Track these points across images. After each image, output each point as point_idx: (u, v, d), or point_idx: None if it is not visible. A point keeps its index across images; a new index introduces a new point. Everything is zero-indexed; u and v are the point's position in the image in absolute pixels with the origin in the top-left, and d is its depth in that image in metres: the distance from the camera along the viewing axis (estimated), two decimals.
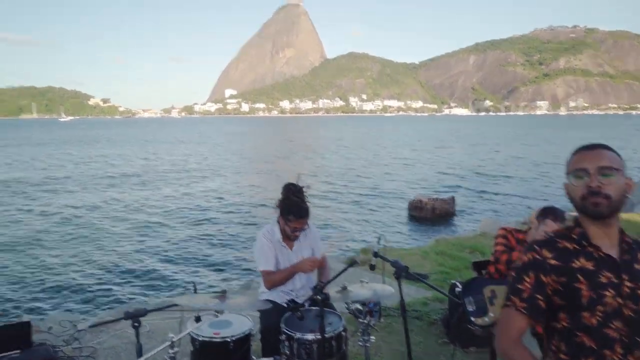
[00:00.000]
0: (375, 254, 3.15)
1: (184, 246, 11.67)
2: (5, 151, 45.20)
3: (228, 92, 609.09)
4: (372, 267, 3.21)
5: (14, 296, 8.48)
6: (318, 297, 2.60)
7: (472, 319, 3.03)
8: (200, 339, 2.70)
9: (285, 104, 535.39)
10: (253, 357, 2.89)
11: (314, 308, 2.97)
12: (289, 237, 3.39)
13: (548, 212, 3.18)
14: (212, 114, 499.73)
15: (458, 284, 3.89)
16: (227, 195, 19.28)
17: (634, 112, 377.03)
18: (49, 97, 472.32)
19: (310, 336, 2.69)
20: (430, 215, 14.42)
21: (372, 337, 2.99)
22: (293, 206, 3.26)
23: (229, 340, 2.70)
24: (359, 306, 3.01)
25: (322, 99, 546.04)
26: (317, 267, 3.43)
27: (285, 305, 3.11)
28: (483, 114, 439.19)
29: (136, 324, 2.54)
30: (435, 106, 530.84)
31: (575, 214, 1.67)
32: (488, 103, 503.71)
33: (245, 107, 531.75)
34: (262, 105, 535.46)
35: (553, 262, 1.57)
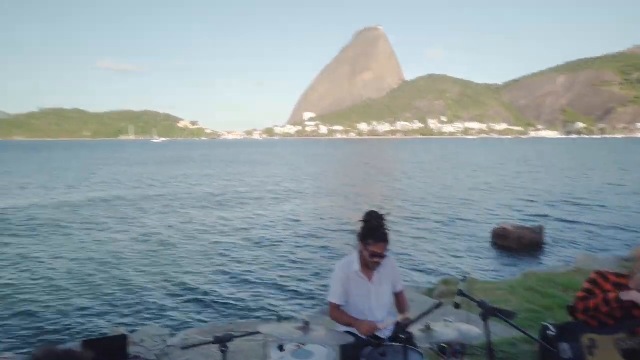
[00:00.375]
0: (461, 293, 3.04)
1: (263, 269, 11.92)
2: (108, 170, 49.72)
3: (307, 115, 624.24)
4: (457, 306, 3.10)
5: (106, 309, 9.17)
6: (402, 336, 2.56)
7: None
8: None
9: (363, 127, 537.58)
10: None
11: (395, 344, 2.91)
12: (369, 266, 3.34)
13: None
14: (291, 136, 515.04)
15: (551, 326, 3.62)
16: (305, 219, 19.49)
17: None
18: (144, 120, 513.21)
19: None
20: (515, 245, 13.62)
21: None
22: (372, 230, 3.24)
23: None
24: (443, 344, 2.92)
25: (400, 121, 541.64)
26: (376, 328, 3.28)
27: (366, 339, 3.08)
28: (574, 136, 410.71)
29: (224, 349, 2.65)
30: (521, 128, 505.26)
31: None
32: (580, 125, 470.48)
33: (323, 129, 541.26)
34: (340, 128, 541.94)
35: None
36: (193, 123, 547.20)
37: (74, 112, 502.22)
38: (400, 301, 3.55)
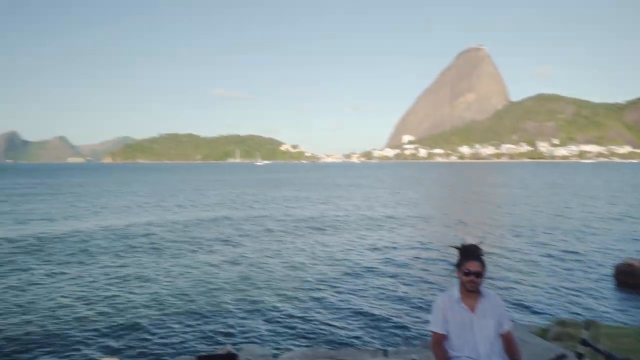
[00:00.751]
0: (584, 342, 2.73)
1: (359, 297, 11.80)
2: (214, 191, 53.39)
3: (406, 137, 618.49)
4: (580, 357, 2.79)
5: (210, 327, 9.67)
6: None
7: None
8: None
9: (465, 149, 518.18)
10: None
11: None
12: (467, 288, 3.27)
13: None
14: (389, 159, 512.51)
15: None
16: (403, 247, 19.04)
17: None
18: (249, 143, 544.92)
19: None
20: None
21: None
22: (466, 250, 3.31)
23: None
24: None
25: (505, 143, 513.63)
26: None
27: None
28: None
29: None
30: None
31: None
32: None
33: (422, 152, 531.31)
34: (440, 151, 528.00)
35: None
36: (294, 147, 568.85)
37: (187, 137, 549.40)
38: (509, 344, 3.32)
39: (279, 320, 10.02)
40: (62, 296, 11.81)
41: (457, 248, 3.38)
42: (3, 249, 18.45)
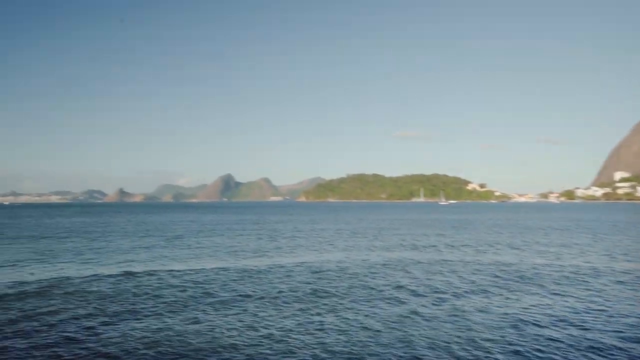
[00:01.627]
0: None
1: None
2: (395, 231, 53.87)
3: (618, 174, 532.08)
4: None
5: None
6: None
7: None
8: None
9: None
10: None
11: None
12: None
13: None
14: (596, 199, 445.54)
15: None
16: (628, 315, 16.21)
17: None
18: (433, 182, 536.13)
19: None
20: None
21: None
22: None
23: None
24: None
25: None
26: None
27: None
28: None
29: None
30: None
31: None
32: None
33: None
34: None
35: None
36: (481, 185, 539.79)
37: (373, 177, 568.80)
38: None
39: None
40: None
41: None
42: (229, 276, 21.84)
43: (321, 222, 75.91)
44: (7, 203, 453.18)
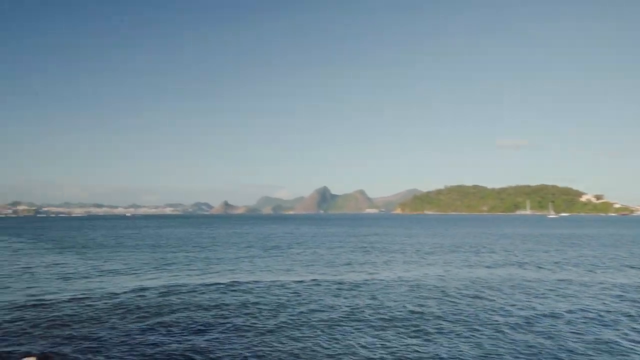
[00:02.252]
0: None
1: None
2: (501, 247, 51.30)
3: None
4: None
5: None
6: None
7: None
8: None
9: None
10: None
11: None
12: None
13: None
14: None
15: None
16: None
17: None
18: (541, 194, 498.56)
19: None
20: None
21: None
22: None
23: None
24: None
25: None
26: None
27: None
28: None
29: None
30: None
31: None
32: None
33: None
34: None
35: None
36: (597, 197, 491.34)
37: (473, 188, 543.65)
38: None
39: None
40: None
41: None
42: (331, 288, 22.85)
43: (421, 236, 74.70)
44: (129, 214, 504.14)
